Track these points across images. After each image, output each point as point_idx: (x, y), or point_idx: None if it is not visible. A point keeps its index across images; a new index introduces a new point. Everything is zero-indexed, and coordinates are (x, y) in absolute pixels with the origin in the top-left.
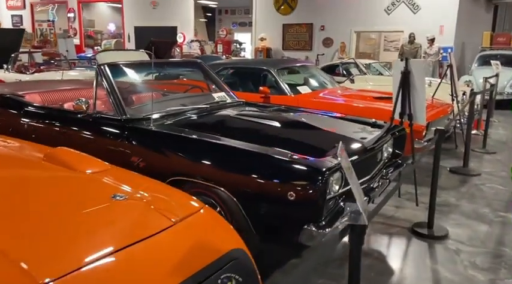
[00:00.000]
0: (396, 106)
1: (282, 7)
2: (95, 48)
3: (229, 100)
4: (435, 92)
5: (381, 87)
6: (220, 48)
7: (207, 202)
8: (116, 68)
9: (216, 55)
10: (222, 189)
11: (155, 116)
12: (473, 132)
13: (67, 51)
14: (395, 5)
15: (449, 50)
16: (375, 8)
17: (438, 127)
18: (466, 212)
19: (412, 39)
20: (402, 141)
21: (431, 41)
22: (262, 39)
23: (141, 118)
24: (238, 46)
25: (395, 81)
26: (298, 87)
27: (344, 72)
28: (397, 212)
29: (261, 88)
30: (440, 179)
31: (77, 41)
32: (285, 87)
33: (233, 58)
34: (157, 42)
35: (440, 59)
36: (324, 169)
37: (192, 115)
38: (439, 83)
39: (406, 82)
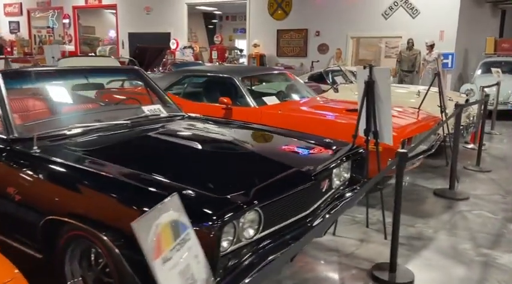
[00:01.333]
0: (359, 121)
1: (276, 12)
2: (89, 54)
3: (164, 115)
4: (422, 102)
5: None
6: (215, 55)
7: (89, 250)
8: (16, 76)
9: (197, 61)
10: (104, 233)
11: (56, 134)
12: (470, 146)
13: (53, 57)
14: (393, 9)
15: (437, 56)
16: (372, 13)
17: (400, 150)
18: (442, 248)
19: (410, 45)
20: (362, 163)
21: (431, 46)
22: (255, 46)
23: (30, 138)
24: (239, 53)
25: (360, 92)
26: (264, 98)
27: (332, 80)
28: (360, 247)
29: (221, 98)
30: (421, 204)
31: (72, 47)
32: (249, 98)
33: (225, 65)
34: (145, 48)
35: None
36: (220, 213)
37: (97, 135)
38: (426, 92)
39: (370, 93)
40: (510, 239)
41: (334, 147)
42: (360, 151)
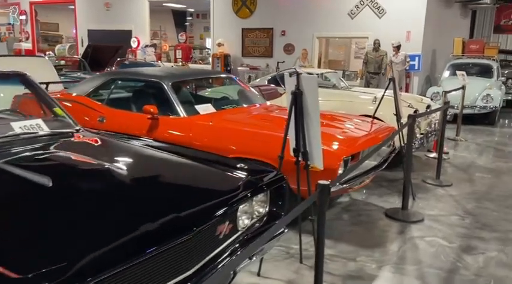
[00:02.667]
0: (286, 139)
1: (241, 10)
2: (47, 53)
3: (44, 132)
4: (376, 110)
5: (324, 103)
6: (179, 54)
7: None
8: None
9: (153, 62)
10: None
11: None
12: (432, 155)
13: None
14: (359, 8)
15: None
16: (338, 12)
17: (320, 182)
18: None
19: (377, 46)
20: (282, 194)
21: (397, 48)
22: (219, 45)
23: None
24: (210, 52)
25: (288, 104)
26: (198, 106)
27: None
28: None
29: (145, 107)
30: (370, 228)
31: (29, 45)
32: (178, 106)
33: (190, 66)
34: (98, 47)
35: (407, 68)
36: None
37: None
38: (381, 99)
39: (298, 106)
40: (464, 279)
41: (246, 175)
42: (281, 177)
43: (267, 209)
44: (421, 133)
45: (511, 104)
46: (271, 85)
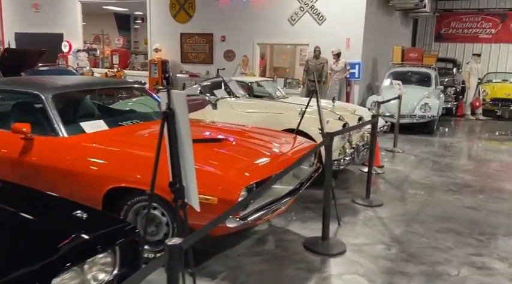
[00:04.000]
0: (155, 171)
1: (179, 14)
2: None
3: None
4: (299, 124)
5: (248, 116)
6: (116, 59)
7: None
8: None
9: (67, 68)
10: None
11: None
12: (366, 170)
13: None
14: (298, 14)
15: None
16: (278, 18)
17: (170, 243)
18: None
19: (317, 53)
20: (136, 251)
21: (337, 55)
22: (156, 50)
23: None
24: None
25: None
26: (84, 124)
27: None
28: None
29: (15, 125)
30: (283, 265)
31: None
32: (57, 124)
33: (126, 72)
34: (18, 51)
35: (348, 76)
36: None
37: None
38: (303, 113)
39: (172, 130)
40: None
41: (78, 229)
42: (130, 230)
43: (115, 272)
44: (352, 147)
45: (450, 112)
46: (199, 95)
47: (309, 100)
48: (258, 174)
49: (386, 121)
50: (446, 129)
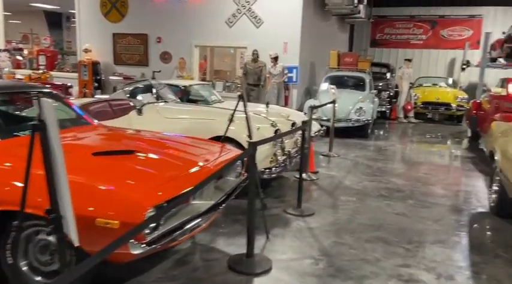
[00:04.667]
0: (25, 192)
1: (111, 13)
2: None
3: None
4: (226, 131)
5: (176, 122)
6: (42, 60)
7: None
8: None
9: None
10: None
11: None
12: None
13: None
14: (236, 17)
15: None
16: (216, 20)
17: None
18: None
19: (255, 56)
20: None
21: (275, 59)
22: (86, 51)
23: None
24: None
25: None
26: None
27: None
28: None
29: None
30: None
31: None
32: None
33: (52, 73)
34: None
35: (286, 80)
36: None
37: None
38: (230, 119)
39: (44, 145)
40: None
41: None
42: None
43: None
44: (284, 154)
45: (384, 115)
46: (124, 99)
47: (236, 106)
48: (171, 191)
49: (322, 126)
50: (381, 132)
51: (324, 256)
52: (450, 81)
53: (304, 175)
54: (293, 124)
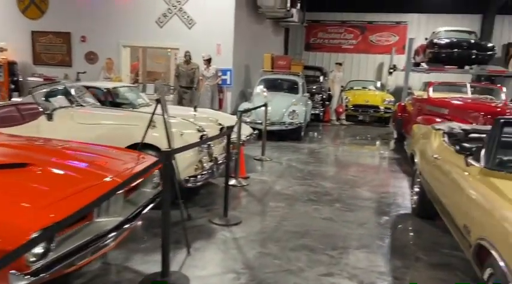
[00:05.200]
0: None
1: (29, 9)
2: None
3: None
4: (143, 139)
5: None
6: None
7: None
8: None
9: None
10: None
11: None
12: (232, 182)
13: None
14: (167, 16)
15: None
16: (146, 19)
17: None
18: None
19: (188, 58)
20: None
21: (208, 61)
22: (1, 50)
23: None
24: None
25: None
26: None
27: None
28: None
29: None
30: None
31: None
32: None
33: None
34: None
35: (220, 82)
36: None
37: None
38: (148, 125)
39: None
40: None
41: None
42: None
43: None
44: (212, 160)
45: (318, 118)
46: (35, 103)
47: (154, 110)
48: (64, 210)
49: (254, 129)
50: (315, 134)
51: (247, 269)
52: (378, 84)
53: (234, 181)
54: (222, 128)
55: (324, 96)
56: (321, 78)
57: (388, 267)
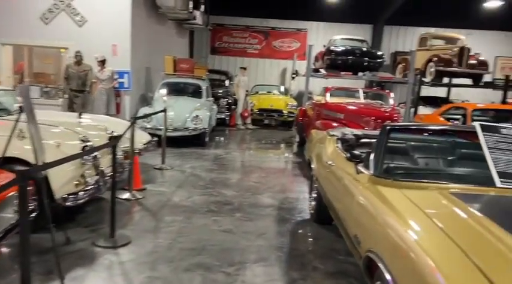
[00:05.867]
0: None
1: None
2: None
3: None
4: (4, 152)
5: None
6: None
7: None
8: None
9: None
10: None
11: None
12: (125, 196)
13: None
14: (53, 12)
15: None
16: (28, 15)
17: None
18: None
19: (79, 59)
20: None
21: (102, 62)
22: None
23: None
24: None
25: None
26: None
27: None
28: None
29: None
30: None
31: None
32: None
33: None
34: None
35: (116, 85)
36: None
37: None
38: (10, 135)
39: None
40: None
41: None
42: None
43: None
44: (97, 174)
45: (224, 122)
46: None
47: (18, 119)
48: None
49: (154, 136)
50: (220, 139)
51: None
52: (282, 89)
53: (127, 195)
54: (110, 138)
55: (230, 100)
56: (227, 82)
57: (285, 280)
